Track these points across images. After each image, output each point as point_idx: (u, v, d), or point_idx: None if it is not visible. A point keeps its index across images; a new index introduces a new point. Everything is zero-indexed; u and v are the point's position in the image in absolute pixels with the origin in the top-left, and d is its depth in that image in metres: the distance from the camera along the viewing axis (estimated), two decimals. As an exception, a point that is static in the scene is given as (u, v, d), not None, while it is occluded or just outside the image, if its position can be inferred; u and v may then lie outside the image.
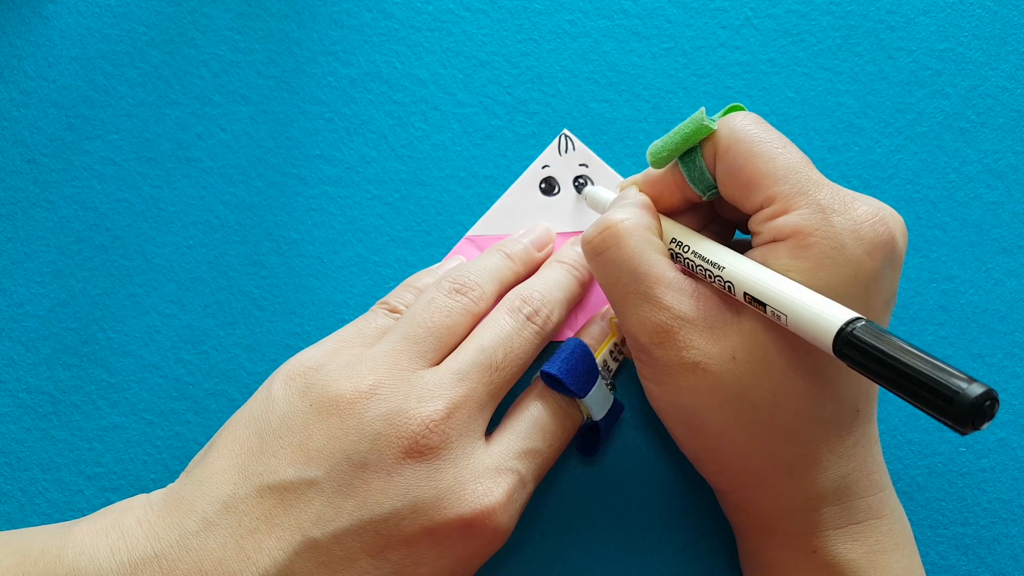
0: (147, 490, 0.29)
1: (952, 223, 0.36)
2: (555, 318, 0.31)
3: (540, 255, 0.34)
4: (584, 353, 0.30)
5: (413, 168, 0.36)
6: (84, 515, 0.28)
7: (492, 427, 0.29)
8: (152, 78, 0.37)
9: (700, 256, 0.27)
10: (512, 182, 0.36)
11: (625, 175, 0.35)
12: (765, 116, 0.28)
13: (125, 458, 0.34)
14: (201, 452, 0.29)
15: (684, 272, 0.27)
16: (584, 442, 0.33)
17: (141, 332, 0.35)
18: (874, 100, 0.36)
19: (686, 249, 0.28)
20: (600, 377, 0.31)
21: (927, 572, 0.30)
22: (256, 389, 0.29)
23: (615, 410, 0.32)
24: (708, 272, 0.27)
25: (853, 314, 0.22)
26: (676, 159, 0.29)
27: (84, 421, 0.34)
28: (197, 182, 0.36)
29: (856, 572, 0.27)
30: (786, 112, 0.36)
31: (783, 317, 0.24)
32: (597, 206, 0.33)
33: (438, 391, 0.27)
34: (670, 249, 0.28)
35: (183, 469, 0.29)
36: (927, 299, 0.35)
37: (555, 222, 0.35)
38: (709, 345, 0.26)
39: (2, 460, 0.34)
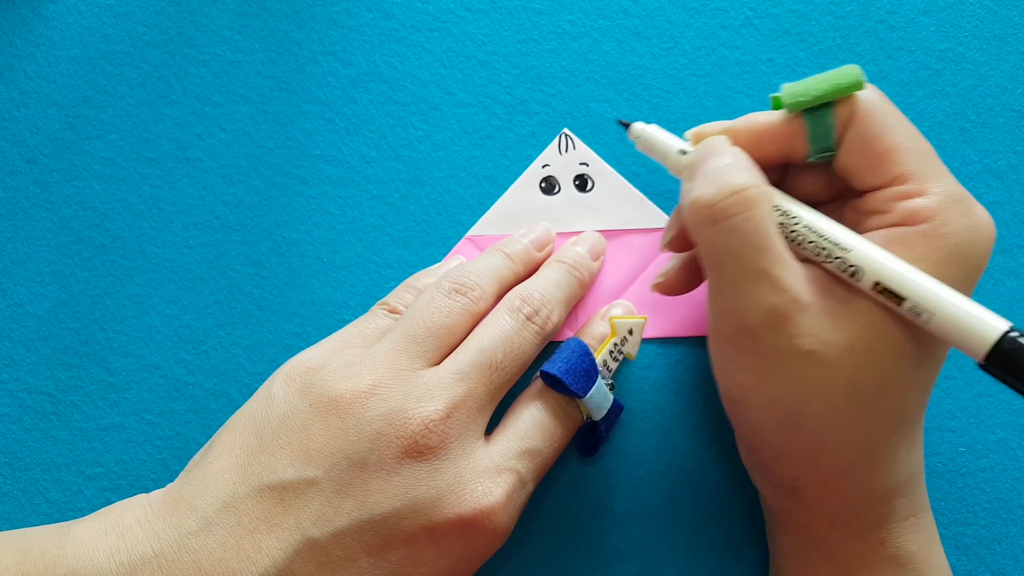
0: (147, 490, 0.29)
1: (952, 223, 0.35)
2: (555, 318, 0.31)
3: (540, 255, 0.34)
4: (584, 353, 0.30)
5: (413, 168, 0.36)
6: (84, 515, 0.28)
7: (492, 427, 0.29)
8: (152, 78, 0.37)
9: (816, 233, 0.25)
10: (512, 182, 0.36)
11: (626, 175, 0.35)
12: (765, 116, 0.28)
13: (125, 458, 0.34)
14: (201, 452, 0.29)
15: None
16: (584, 442, 0.33)
17: (141, 332, 0.35)
18: (874, 100, 0.36)
19: (795, 221, 0.25)
20: (600, 377, 0.31)
21: (927, 572, 0.30)
22: (256, 389, 0.29)
23: (615, 410, 0.32)
24: (824, 251, 0.25)
25: (1007, 323, 0.22)
26: (802, 111, 0.26)
27: (84, 421, 0.34)
28: (197, 182, 0.36)
29: (915, 563, 0.27)
30: (786, 112, 0.36)
31: (925, 315, 0.23)
32: (655, 150, 0.30)
33: (438, 391, 0.27)
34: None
35: (183, 469, 0.29)
36: (927, 299, 0.35)
37: (555, 222, 0.35)
38: (825, 332, 0.24)
39: (2, 460, 0.34)
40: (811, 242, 0.25)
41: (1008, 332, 0.21)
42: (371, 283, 0.35)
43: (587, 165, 0.36)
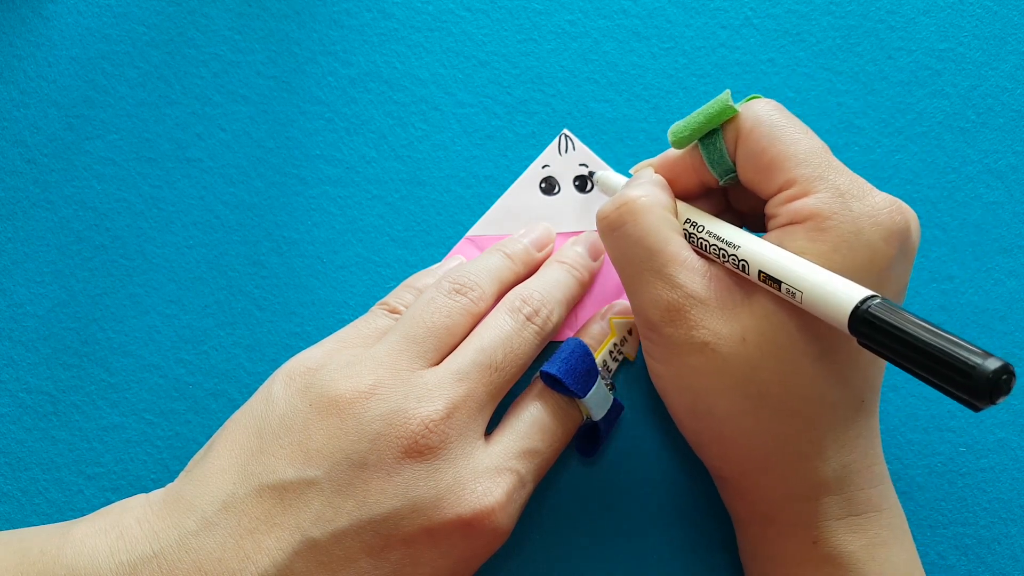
0: (147, 490, 0.29)
1: (952, 223, 0.35)
2: (555, 318, 0.31)
3: (540, 255, 0.34)
4: (584, 353, 0.30)
5: (413, 168, 0.36)
6: (84, 515, 0.28)
7: (492, 427, 0.29)
8: (152, 78, 0.37)
9: (714, 236, 0.27)
10: (512, 182, 0.36)
11: (626, 175, 0.35)
12: (765, 116, 0.28)
13: (125, 458, 0.34)
14: (201, 452, 0.29)
15: (697, 253, 0.28)
16: (584, 442, 0.33)
17: (141, 332, 0.35)
18: (874, 100, 0.36)
19: (700, 229, 0.28)
20: (600, 377, 0.31)
21: (927, 572, 0.30)
22: (256, 389, 0.29)
23: (615, 410, 0.32)
24: (722, 251, 0.27)
25: (868, 292, 0.22)
26: (696, 141, 0.29)
27: (84, 421, 0.34)
28: (197, 182, 0.36)
29: (856, 564, 0.27)
30: (786, 112, 0.36)
31: (798, 295, 0.24)
32: (609, 190, 0.33)
33: (438, 391, 0.27)
34: (684, 230, 0.29)
35: (183, 469, 0.29)
36: (927, 299, 0.35)
37: (555, 222, 0.35)
38: (719, 325, 0.26)
39: (2, 460, 0.34)
40: (713, 246, 0.27)
41: (862, 302, 0.22)
42: (371, 283, 0.35)
43: (587, 165, 0.36)
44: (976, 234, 0.35)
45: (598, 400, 0.31)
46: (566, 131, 0.36)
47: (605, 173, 0.34)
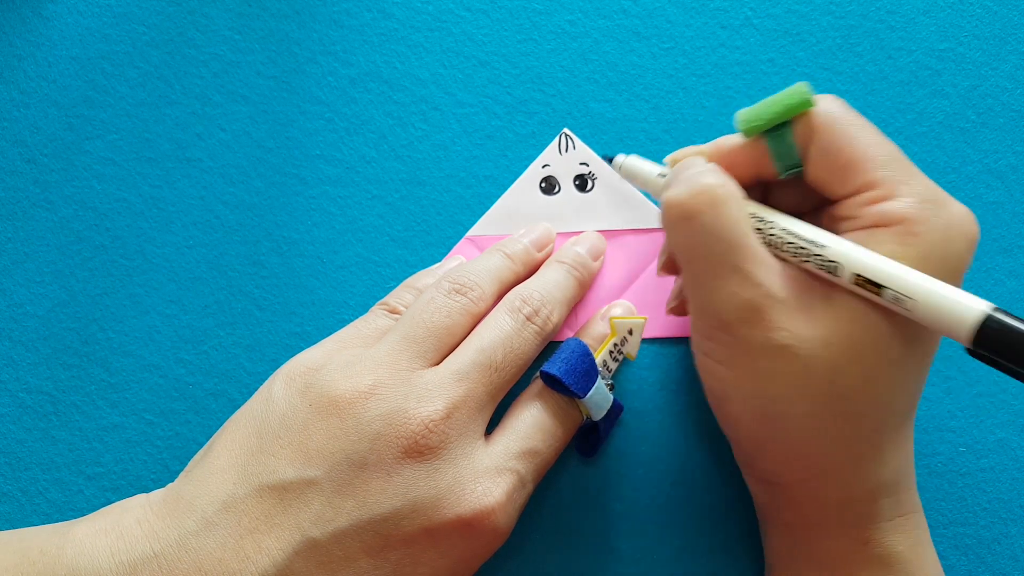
0: (147, 490, 0.29)
1: (952, 223, 0.35)
2: (555, 318, 0.31)
3: (540, 255, 0.34)
4: (584, 353, 0.30)
5: (413, 168, 0.36)
6: (84, 515, 0.28)
7: (492, 427, 0.29)
8: (152, 78, 0.37)
9: (791, 233, 0.26)
10: (512, 182, 0.36)
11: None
12: (765, 116, 0.28)
13: (125, 458, 0.34)
14: (201, 452, 0.29)
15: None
16: (583, 442, 0.33)
17: (141, 332, 0.35)
18: (874, 100, 0.36)
19: (770, 226, 0.26)
20: (600, 377, 0.31)
21: (927, 572, 0.30)
22: (256, 389, 0.29)
23: (615, 410, 0.32)
24: (801, 250, 0.25)
25: (990, 304, 0.22)
26: (763, 132, 0.27)
27: (84, 421, 0.34)
28: (197, 182, 0.36)
29: (903, 564, 0.27)
30: (786, 112, 0.36)
31: (908, 302, 0.23)
32: (636, 177, 0.32)
33: (437, 391, 0.27)
34: None
35: (183, 469, 0.29)
36: (927, 299, 0.35)
37: (555, 222, 0.35)
38: (800, 327, 0.25)
39: (2, 460, 0.34)
40: (789, 243, 0.26)
41: (992, 312, 0.21)
42: (371, 283, 0.35)
43: (587, 165, 0.36)
44: (976, 234, 0.35)
45: (598, 400, 0.31)
46: (566, 130, 0.36)
47: (631, 158, 0.32)
